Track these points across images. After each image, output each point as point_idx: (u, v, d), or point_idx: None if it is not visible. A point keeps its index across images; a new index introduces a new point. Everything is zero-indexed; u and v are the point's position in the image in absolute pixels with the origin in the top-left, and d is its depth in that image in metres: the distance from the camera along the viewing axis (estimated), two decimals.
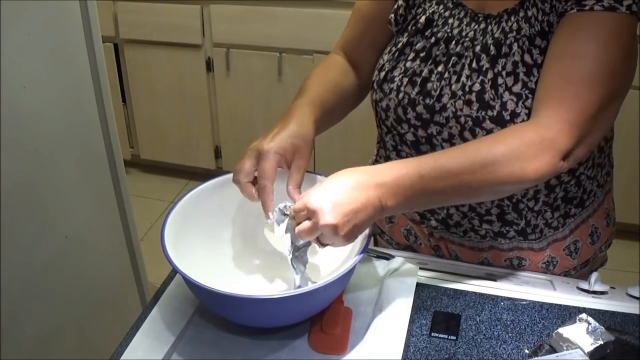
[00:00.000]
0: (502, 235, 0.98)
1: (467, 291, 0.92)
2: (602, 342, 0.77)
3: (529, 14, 0.86)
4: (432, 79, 0.91)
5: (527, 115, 0.85)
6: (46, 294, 1.28)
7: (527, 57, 0.86)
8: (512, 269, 1.00)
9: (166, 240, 0.81)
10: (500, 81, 0.86)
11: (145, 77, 2.73)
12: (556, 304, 0.89)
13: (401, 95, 0.93)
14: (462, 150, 0.80)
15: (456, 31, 0.92)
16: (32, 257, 1.23)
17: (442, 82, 0.91)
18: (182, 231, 0.86)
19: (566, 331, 0.79)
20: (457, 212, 0.98)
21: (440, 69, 0.91)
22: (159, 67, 2.69)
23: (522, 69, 0.86)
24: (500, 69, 0.87)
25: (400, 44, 0.96)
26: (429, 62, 0.92)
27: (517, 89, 0.86)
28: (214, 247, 0.92)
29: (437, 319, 0.86)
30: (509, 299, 0.90)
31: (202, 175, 2.94)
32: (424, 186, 0.77)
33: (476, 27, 0.91)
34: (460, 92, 0.89)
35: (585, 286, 0.93)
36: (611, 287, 0.93)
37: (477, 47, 0.89)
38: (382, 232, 1.15)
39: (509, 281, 0.95)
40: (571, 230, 0.99)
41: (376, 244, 1.19)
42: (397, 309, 0.85)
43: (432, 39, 0.93)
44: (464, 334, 0.84)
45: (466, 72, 0.89)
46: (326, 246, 0.78)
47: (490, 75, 0.87)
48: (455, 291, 0.92)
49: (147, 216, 2.63)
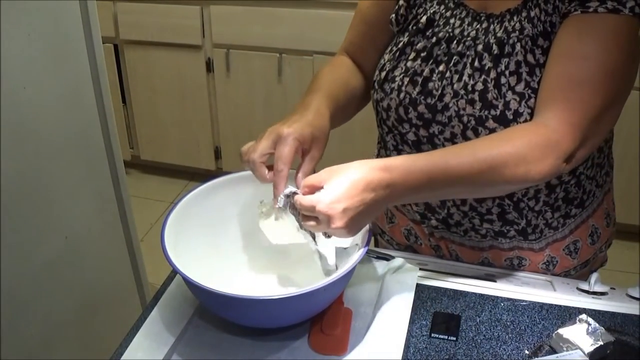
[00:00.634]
0: (502, 234, 0.98)
1: (467, 292, 0.92)
2: (602, 343, 0.77)
3: (532, 14, 0.87)
4: (434, 79, 0.91)
5: (530, 114, 0.85)
6: (46, 294, 1.28)
7: (530, 57, 0.86)
8: (512, 269, 1.00)
9: (166, 241, 0.81)
10: (503, 80, 0.86)
11: (145, 77, 2.73)
12: (556, 305, 0.89)
13: (402, 95, 0.94)
14: (472, 151, 0.80)
15: (458, 31, 0.92)
16: (32, 257, 1.23)
17: (444, 82, 0.91)
18: (182, 232, 0.86)
19: (566, 332, 0.79)
20: (457, 212, 0.98)
21: (441, 68, 0.91)
22: (159, 67, 2.69)
23: (525, 69, 0.86)
24: (503, 69, 0.87)
25: (401, 44, 0.96)
26: (430, 62, 0.92)
27: (520, 88, 0.86)
28: (214, 247, 0.92)
29: (437, 319, 0.86)
30: (509, 299, 0.90)
31: (202, 175, 2.94)
32: (431, 187, 0.78)
33: (478, 26, 0.91)
34: (462, 92, 0.89)
35: (585, 287, 0.93)
36: (611, 288, 0.93)
37: (479, 47, 0.89)
38: (383, 232, 1.15)
39: (509, 282, 0.95)
40: (571, 230, 0.99)
41: (376, 244, 1.19)
42: (397, 309, 0.85)
43: (433, 39, 0.93)
44: (464, 334, 0.84)
45: (468, 71, 0.89)
46: (331, 237, 0.79)
47: (493, 74, 0.87)
48: (455, 292, 0.92)
49: (147, 217, 2.63)
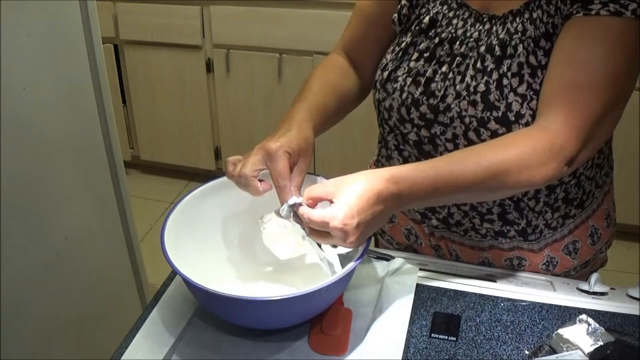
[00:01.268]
0: (502, 234, 0.98)
1: (467, 292, 0.92)
2: (602, 343, 0.77)
3: (534, 15, 0.86)
4: (436, 79, 0.91)
5: (532, 116, 0.85)
6: (46, 295, 1.28)
7: (532, 59, 0.86)
8: (512, 269, 1.00)
9: (166, 241, 0.81)
10: (505, 82, 0.86)
11: (145, 78, 2.74)
12: (556, 305, 0.89)
13: (405, 95, 0.93)
14: (476, 158, 0.80)
15: (460, 31, 0.92)
16: (32, 257, 1.23)
17: (447, 83, 0.91)
18: (182, 232, 0.86)
19: (566, 332, 0.79)
20: (458, 211, 0.98)
21: (444, 69, 0.91)
22: (159, 68, 2.69)
23: (527, 70, 0.86)
24: (505, 70, 0.87)
25: (403, 44, 0.96)
26: (433, 62, 0.92)
27: (522, 90, 0.86)
28: (214, 248, 0.92)
29: (437, 319, 0.86)
30: (509, 300, 0.90)
31: (202, 176, 2.94)
32: (437, 195, 0.79)
33: (481, 27, 0.91)
34: (464, 93, 0.89)
35: (585, 287, 0.93)
36: (611, 288, 0.93)
37: (482, 48, 0.89)
38: (383, 232, 1.15)
39: (509, 282, 0.95)
40: (570, 230, 0.99)
41: (377, 244, 1.19)
42: (397, 310, 0.85)
43: (436, 39, 0.93)
44: (464, 335, 0.84)
45: (470, 72, 0.89)
46: (337, 247, 0.80)
47: (495, 76, 0.87)
48: (455, 292, 0.92)
49: (147, 217, 2.63)
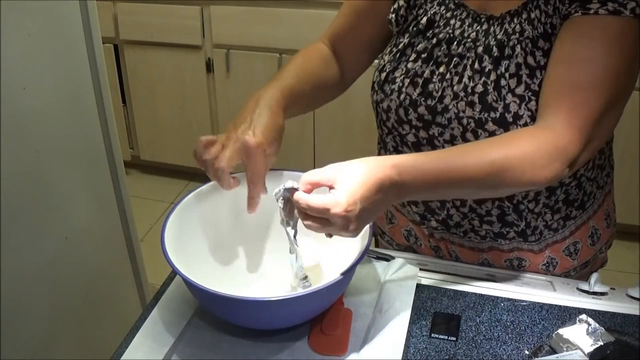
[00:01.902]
0: (502, 236, 0.98)
1: (467, 292, 0.92)
2: (602, 343, 0.77)
3: (532, 16, 0.86)
4: (434, 80, 0.91)
5: (530, 117, 0.85)
6: (46, 294, 1.28)
7: (530, 59, 0.86)
8: (512, 269, 1.00)
9: (166, 241, 0.81)
10: (503, 83, 0.86)
11: (145, 78, 2.73)
12: (556, 305, 0.89)
13: (402, 96, 0.93)
14: (480, 153, 0.80)
15: (458, 32, 0.92)
16: (32, 257, 1.23)
17: (444, 83, 0.90)
18: (182, 232, 0.86)
19: (566, 332, 0.79)
20: (457, 213, 0.97)
21: (442, 70, 0.91)
22: (159, 68, 2.69)
23: (525, 71, 0.85)
24: (503, 71, 0.86)
25: (401, 45, 0.96)
26: (431, 63, 0.92)
27: (520, 91, 0.85)
28: (214, 248, 0.92)
29: (437, 320, 0.86)
30: (509, 300, 0.90)
31: (202, 176, 2.91)
32: (438, 188, 0.79)
33: (478, 28, 0.90)
34: (462, 94, 0.89)
35: (585, 287, 0.93)
36: (611, 288, 0.93)
37: (480, 48, 0.89)
38: (383, 233, 1.15)
39: (509, 282, 0.95)
40: (571, 232, 0.99)
41: (377, 244, 1.19)
42: (397, 310, 0.85)
43: (434, 40, 0.93)
44: (464, 335, 0.84)
45: (468, 73, 0.89)
46: (332, 236, 0.78)
47: (493, 77, 0.87)
48: (455, 292, 0.92)
49: (147, 217, 2.62)
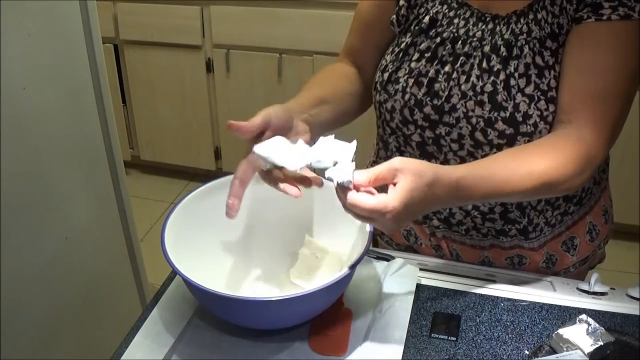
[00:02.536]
0: (503, 233, 0.98)
1: (467, 292, 0.92)
2: (602, 343, 0.77)
3: (539, 16, 0.87)
4: (439, 79, 0.91)
5: (539, 116, 0.86)
6: (46, 294, 1.28)
7: (539, 59, 0.86)
8: (513, 267, 1.00)
9: (166, 241, 0.81)
10: (512, 82, 0.87)
11: (145, 78, 2.73)
12: (556, 305, 0.89)
13: (407, 96, 0.93)
14: (528, 168, 0.81)
15: (462, 31, 0.92)
16: (32, 257, 1.23)
17: (451, 83, 0.90)
18: (182, 232, 0.86)
19: (566, 332, 0.79)
20: (459, 211, 0.98)
21: (447, 69, 0.91)
22: (159, 68, 2.69)
23: (534, 71, 0.86)
24: (512, 71, 0.87)
25: (403, 45, 0.96)
26: (435, 63, 0.92)
27: (529, 90, 0.86)
28: (214, 248, 0.92)
29: (437, 320, 0.86)
30: (509, 299, 0.90)
31: (202, 176, 2.94)
32: (477, 200, 0.82)
33: (484, 27, 0.91)
34: (470, 93, 0.89)
35: (585, 287, 0.93)
36: (611, 288, 0.93)
37: (486, 47, 0.89)
38: (382, 234, 1.15)
39: (509, 282, 0.95)
40: (567, 226, 0.99)
41: (376, 245, 1.19)
42: (397, 310, 0.85)
43: (437, 39, 0.93)
44: (464, 334, 0.84)
45: (476, 72, 0.89)
46: None
47: (502, 76, 0.87)
48: (455, 292, 0.92)
49: (147, 217, 2.62)
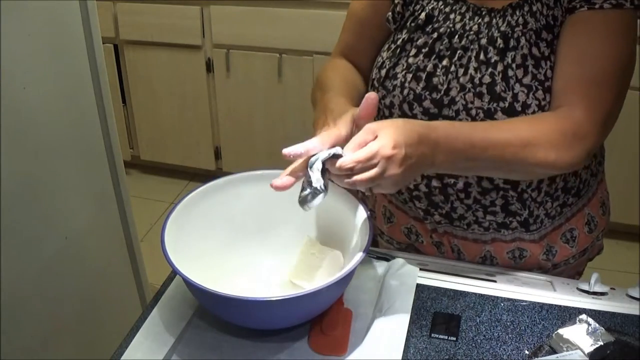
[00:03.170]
0: (505, 226, 0.99)
1: (467, 292, 0.92)
2: (602, 343, 0.77)
3: (534, 8, 0.89)
4: (438, 73, 0.92)
5: (537, 105, 0.87)
6: (46, 294, 1.28)
7: (535, 50, 0.88)
8: (514, 260, 1.01)
9: (166, 241, 0.81)
10: (510, 73, 0.88)
11: (145, 78, 2.73)
12: (556, 305, 0.89)
13: (406, 91, 0.94)
14: (510, 126, 0.84)
15: (459, 25, 0.93)
16: (32, 257, 1.23)
17: (449, 76, 0.91)
18: (182, 232, 0.85)
19: (566, 332, 0.79)
20: (461, 205, 0.98)
21: (445, 63, 0.92)
22: (159, 68, 2.68)
23: (531, 62, 0.88)
24: (510, 62, 0.88)
25: (399, 41, 0.97)
26: (433, 57, 0.93)
27: (527, 81, 0.88)
28: (214, 248, 0.92)
29: (437, 320, 0.86)
30: (509, 299, 0.90)
31: (202, 176, 2.94)
32: (471, 153, 0.80)
33: (480, 20, 0.92)
34: (469, 85, 0.90)
35: (585, 287, 0.93)
36: (611, 288, 0.93)
37: (483, 40, 0.91)
38: (382, 233, 1.15)
39: (509, 282, 0.95)
40: (567, 218, 1.00)
41: (376, 244, 1.19)
42: (397, 310, 0.85)
43: (434, 35, 0.94)
44: (464, 334, 0.84)
45: (474, 64, 0.90)
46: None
47: (500, 67, 0.89)
48: (455, 292, 0.92)
49: (147, 217, 2.62)
